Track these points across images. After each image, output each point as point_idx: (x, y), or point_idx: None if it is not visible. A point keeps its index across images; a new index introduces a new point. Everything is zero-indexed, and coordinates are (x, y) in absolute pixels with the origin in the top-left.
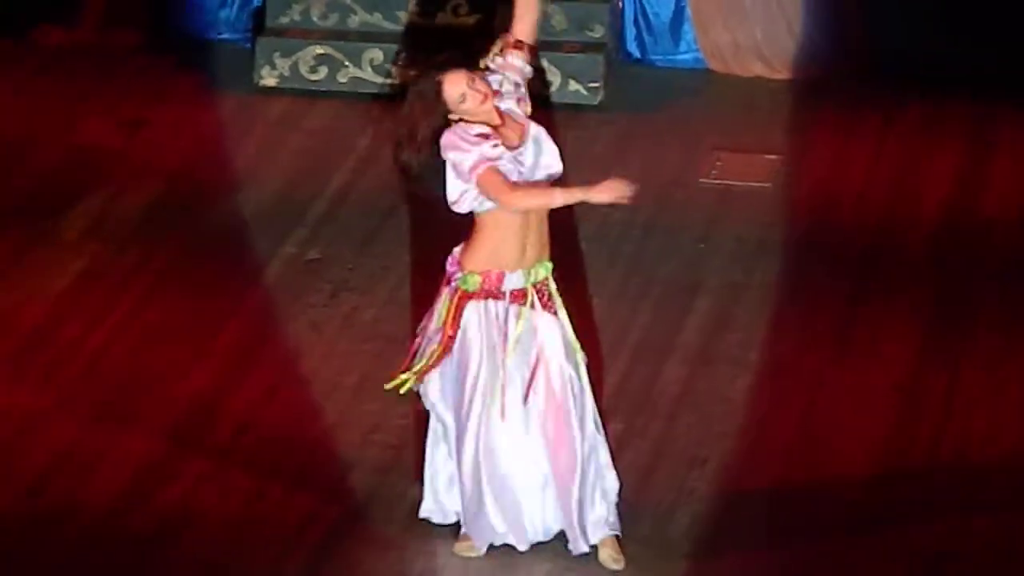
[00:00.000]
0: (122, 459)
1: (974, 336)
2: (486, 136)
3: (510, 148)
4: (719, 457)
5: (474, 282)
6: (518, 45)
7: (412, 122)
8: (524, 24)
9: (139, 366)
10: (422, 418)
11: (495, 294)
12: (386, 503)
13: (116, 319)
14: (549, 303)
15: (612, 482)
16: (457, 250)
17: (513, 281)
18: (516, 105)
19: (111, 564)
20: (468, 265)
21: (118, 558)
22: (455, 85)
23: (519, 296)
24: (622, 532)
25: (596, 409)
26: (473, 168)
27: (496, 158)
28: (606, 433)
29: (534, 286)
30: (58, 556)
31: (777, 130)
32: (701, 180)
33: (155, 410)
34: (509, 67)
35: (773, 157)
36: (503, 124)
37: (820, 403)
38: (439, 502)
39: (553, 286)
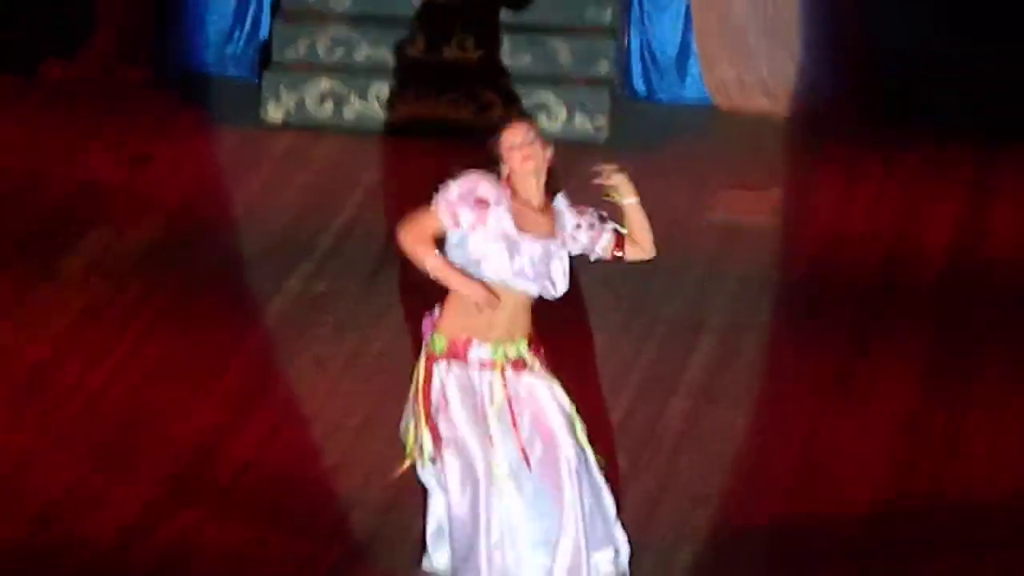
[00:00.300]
0: (123, 497)
1: (976, 376)
2: (485, 203)
3: (521, 229)
4: (721, 494)
5: (440, 345)
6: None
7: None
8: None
9: (140, 404)
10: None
11: (461, 358)
12: (388, 543)
13: (117, 356)
14: (526, 368)
15: (621, 538)
16: (436, 310)
17: (482, 352)
18: (584, 235)
19: None
20: (440, 326)
21: None
22: (514, 132)
23: (488, 364)
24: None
25: (597, 466)
26: (434, 202)
27: (452, 216)
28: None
29: (508, 359)
30: None
31: (781, 167)
32: (705, 218)
33: (156, 449)
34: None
35: (777, 194)
36: (536, 208)
37: (822, 441)
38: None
39: (529, 358)
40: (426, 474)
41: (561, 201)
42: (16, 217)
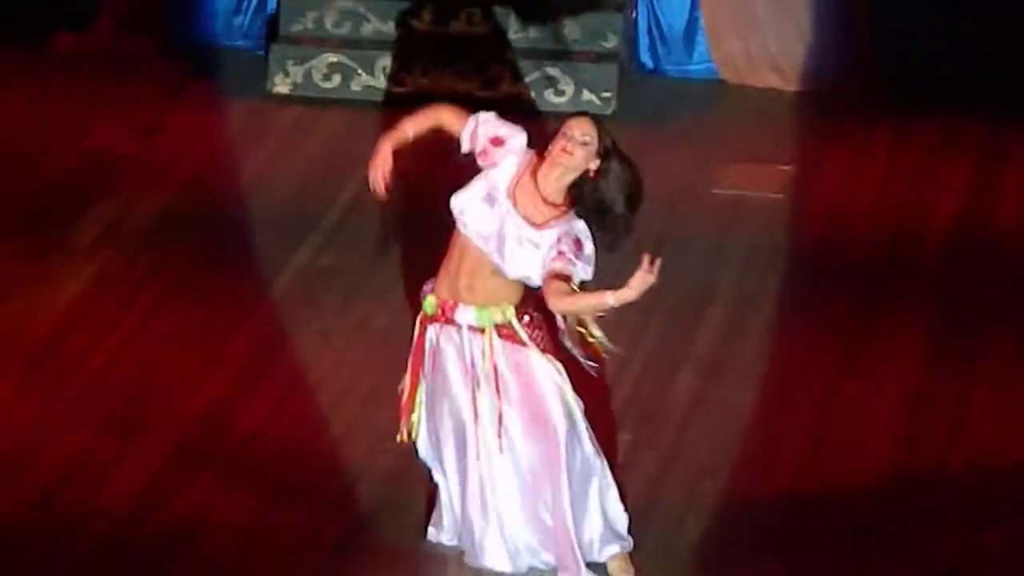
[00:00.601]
0: (132, 469)
1: (985, 349)
2: (502, 143)
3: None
4: (729, 468)
5: (431, 307)
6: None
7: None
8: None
9: (149, 375)
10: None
11: (450, 321)
12: (395, 514)
13: (127, 328)
14: (516, 340)
15: (615, 502)
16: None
17: (468, 315)
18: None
19: (120, 573)
20: (434, 290)
21: (128, 569)
22: (577, 124)
23: (476, 330)
24: (632, 544)
25: (591, 432)
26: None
27: (487, 122)
28: (607, 459)
29: (494, 324)
30: (69, 566)
31: (790, 141)
32: (713, 191)
33: (165, 420)
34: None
35: (786, 168)
36: (542, 197)
37: (830, 414)
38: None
39: (520, 328)
40: (421, 445)
41: (574, 224)
42: (25, 189)
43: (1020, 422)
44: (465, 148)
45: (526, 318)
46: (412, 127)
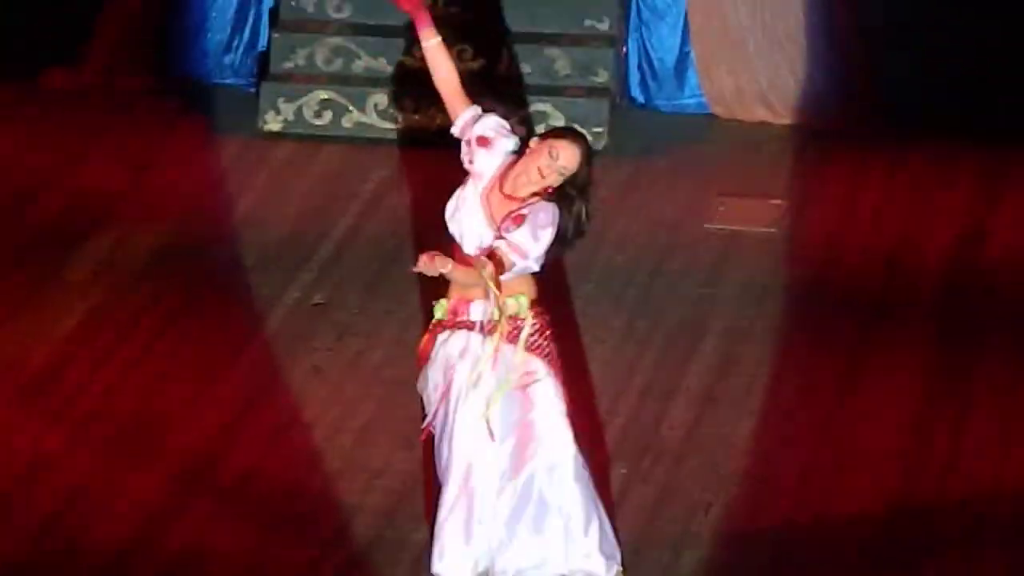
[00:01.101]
0: (129, 501)
1: (981, 378)
2: (487, 142)
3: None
4: (724, 500)
5: (441, 311)
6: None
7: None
8: None
9: (145, 409)
10: (426, 463)
11: (461, 323)
12: (389, 548)
13: (121, 362)
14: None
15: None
16: None
17: (475, 311)
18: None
19: None
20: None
21: None
22: (567, 153)
23: (487, 327)
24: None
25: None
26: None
27: (465, 126)
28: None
29: (510, 318)
30: None
31: (782, 175)
32: (706, 225)
33: (161, 453)
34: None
35: (778, 202)
36: (508, 194)
37: (825, 446)
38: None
39: (530, 321)
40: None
41: (543, 204)
42: (20, 224)
43: (1018, 449)
44: (456, 132)
45: (535, 318)
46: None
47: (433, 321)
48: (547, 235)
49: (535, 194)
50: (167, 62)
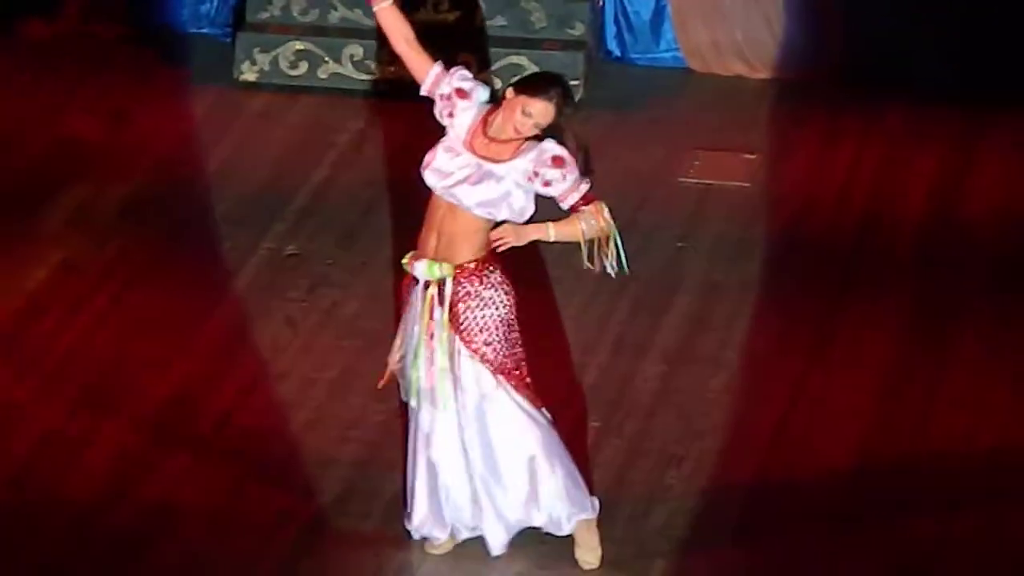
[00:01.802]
0: (103, 452)
1: (956, 336)
2: (464, 94)
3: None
4: (696, 455)
5: (405, 264)
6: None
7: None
8: None
9: (118, 359)
10: (400, 414)
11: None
12: (363, 499)
13: (95, 312)
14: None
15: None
16: None
17: (419, 269)
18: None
19: (92, 557)
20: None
21: (100, 550)
22: (542, 110)
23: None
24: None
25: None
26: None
27: (443, 74)
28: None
29: (438, 283)
30: (40, 549)
31: (757, 130)
32: (681, 179)
33: (135, 403)
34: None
35: (753, 156)
36: (495, 138)
37: (799, 403)
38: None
39: (448, 291)
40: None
41: (542, 147)
42: None
43: (991, 406)
44: (425, 91)
45: (456, 283)
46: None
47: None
48: (565, 150)
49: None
50: (143, 11)
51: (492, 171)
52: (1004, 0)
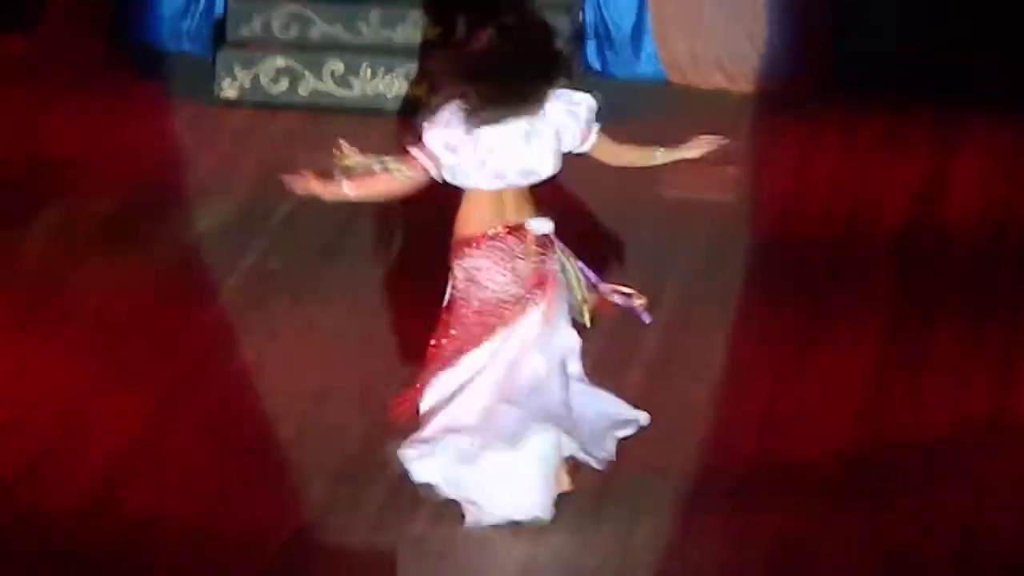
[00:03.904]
0: (85, 466)
1: (936, 341)
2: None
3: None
4: (679, 463)
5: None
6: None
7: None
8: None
9: (99, 374)
10: (384, 428)
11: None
12: (346, 512)
13: (76, 329)
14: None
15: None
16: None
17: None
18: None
19: (75, 570)
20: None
21: (85, 562)
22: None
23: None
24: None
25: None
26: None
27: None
28: None
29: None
30: (23, 563)
31: (738, 141)
32: (662, 192)
33: (116, 417)
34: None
35: (735, 169)
36: None
37: (781, 411)
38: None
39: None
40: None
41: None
42: None
43: (972, 407)
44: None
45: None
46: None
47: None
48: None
49: None
50: (123, 28)
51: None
52: (977, 8)
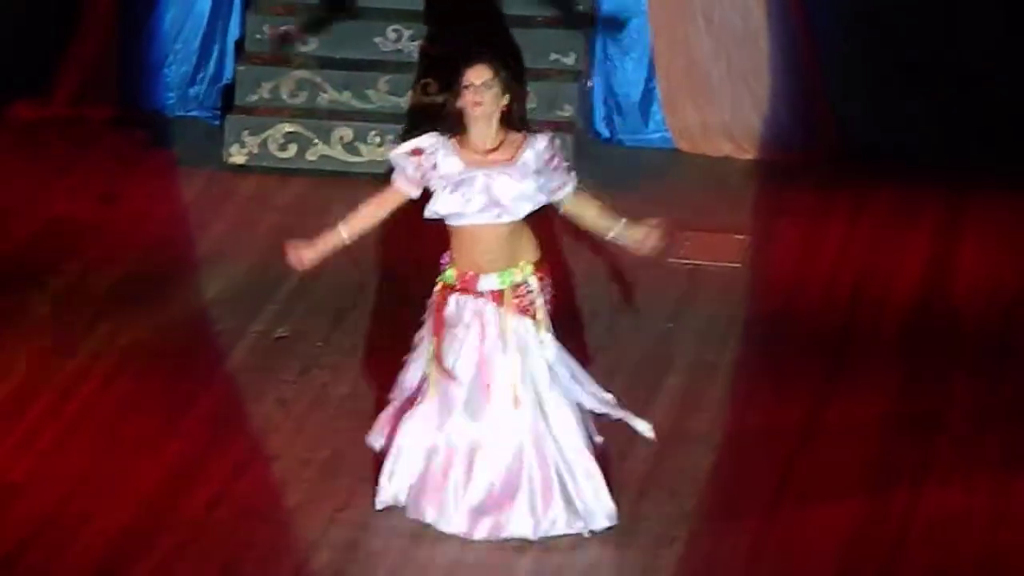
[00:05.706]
0: (94, 534)
1: (944, 417)
2: (420, 152)
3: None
4: (687, 536)
5: (451, 276)
6: None
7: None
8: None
9: (109, 441)
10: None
11: (470, 291)
12: None
13: (86, 394)
14: (527, 306)
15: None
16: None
17: (490, 282)
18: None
19: None
20: (451, 263)
21: None
22: (474, 72)
23: (496, 296)
24: None
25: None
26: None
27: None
28: None
29: (513, 284)
30: None
31: (746, 210)
32: (670, 260)
33: (125, 487)
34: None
35: (742, 237)
36: (487, 148)
37: (789, 484)
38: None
39: (534, 282)
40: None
41: (537, 141)
42: None
43: (979, 489)
44: (416, 195)
45: (538, 280)
46: (348, 231)
47: (442, 284)
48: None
49: (511, 129)
50: (133, 94)
51: (511, 172)
52: (988, 79)
